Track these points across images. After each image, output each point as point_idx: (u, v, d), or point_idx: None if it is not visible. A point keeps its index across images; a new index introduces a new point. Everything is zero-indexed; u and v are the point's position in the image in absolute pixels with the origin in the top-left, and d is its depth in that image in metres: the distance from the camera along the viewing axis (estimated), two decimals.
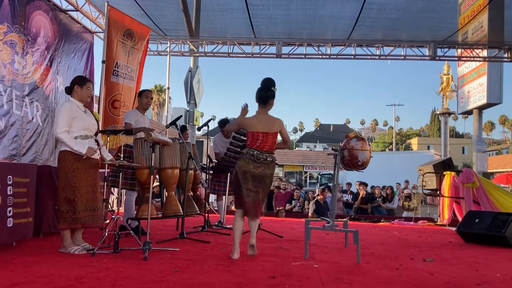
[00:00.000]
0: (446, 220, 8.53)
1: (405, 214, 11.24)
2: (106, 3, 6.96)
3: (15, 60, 6.02)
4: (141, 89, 8.03)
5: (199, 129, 7.18)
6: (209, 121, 6.77)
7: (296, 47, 10.20)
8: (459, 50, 10.57)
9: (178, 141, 5.52)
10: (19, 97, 6.11)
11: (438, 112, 18.51)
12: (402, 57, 10.32)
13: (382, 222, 9.32)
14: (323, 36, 10.06)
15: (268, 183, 4.34)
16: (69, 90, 4.40)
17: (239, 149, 6.19)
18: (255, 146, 4.21)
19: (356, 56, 10.27)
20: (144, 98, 5.66)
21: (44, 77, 6.76)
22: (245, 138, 6.12)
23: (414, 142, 63.19)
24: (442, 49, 10.28)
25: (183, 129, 6.99)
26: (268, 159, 4.20)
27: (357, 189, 11.95)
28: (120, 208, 5.76)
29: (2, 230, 4.03)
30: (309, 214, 10.25)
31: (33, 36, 6.46)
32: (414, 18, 9.12)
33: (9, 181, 4.14)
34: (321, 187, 11.18)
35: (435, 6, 8.64)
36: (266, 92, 4.35)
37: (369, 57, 10.32)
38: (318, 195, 10.69)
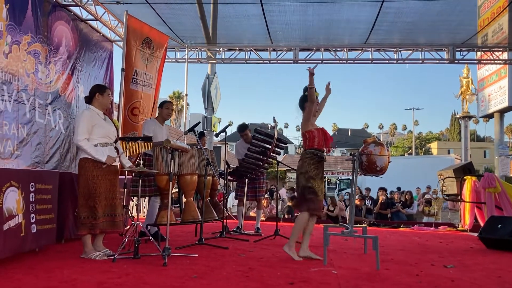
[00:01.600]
0: (468, 226, 8.39)
1: (425, 219, 11.09)
2: (125, 12, 7.09)
3: (39, 69, 6.17)
4: (159, 96, 8.15)
5: (216, 135, 7.24)
6: (226, 127, 6.81)
7: (313, 52, 10.20)
8: (479, 53, 10.41)
9: (196, 147, 5.57)
10: (42, 106, 6.26)
11: (458, 116, 18.23)
12: (421, 61, 10.22)
13: (402, 227, 9.21)
14: (340, 41, 10.04)
15: (297, 176, 4.65)
16: (88, 99, 4.48)
17: (257, 155, 6.23)
18: None
19: (374, 61, 10.22)
20: (165, 110, 5.76)
21: (66, 86, 6.91)
22: (262, 144, 6.17)
23: (434, 146, 62.27)
24: (461, 52, 10.15)
25: (201, 135, 7.05)
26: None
27: (377, 195, 11.84)
28: (139, 214, 5.83)
29: (27, 236, 4.12)
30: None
31: (55, 46, 6.62)
32: (432, 21, 9.02)
33: (32, 188, 4.24)
34: (359, 195, 11.21)
35: (453, 8, 8.53)
36: (301, 98, 4.77)
37: (387, 61, 10.25)
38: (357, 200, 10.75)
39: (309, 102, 4.56)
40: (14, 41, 5.61)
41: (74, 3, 7.12)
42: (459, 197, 8.62)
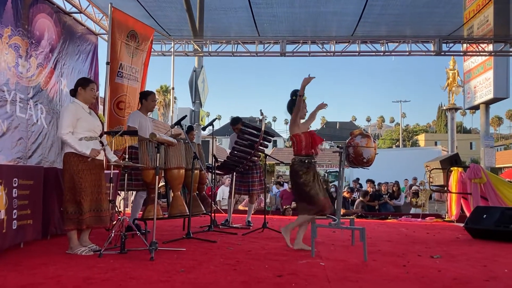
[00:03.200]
0: (454, 216, 8.48)
1: (412, 210, 11.19)
2: (109, 5, 6.97)
3: (19, 63, 6.04)
4: (145, 89, 8.05)
5: (203, 128, 7.19)
6: (213, 120, 6.77)
7: (300, 45, 10.16)
8: (465, 45, 10.48)
9: (183, 141, 5.53)
10: (24, 100, 6.14)
11: (444, 108, 18.38)
12: (407, 53, 10.24)
13: (390, 219, 9.28)
14: (327, 34, 10.01)
15: (292, 184, 4.88)
16: (73, 92, 4.43)
17: (245, 148, 6.20)
18: None
19: (361, 53, 10.21)
20: (151, 102, 5.70)
21: (48, 80, 6.78)
22: (250, 137, 6.14)
23: (421, 138, 62.86)
24: (448, 44, 10.19)
25: (190, 129, 7.00)
26: None
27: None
28: (126, 209, 5.78)
29: (8, 232, 4.06)
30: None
31: (37, 39, 6.48)
32: (418, 13, 9.05)
33: (15, 183, 4.17)
34: (347, 187, 11.30)
35: (439, 0, 8.58)
36: (288, 102, 4.84)
37: (374, 53, 10.25)
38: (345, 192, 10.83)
39: (296, 109, 4.59)
40: None
41: None
42: (445, 188, 8.71)
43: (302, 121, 4.71)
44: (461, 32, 10.07)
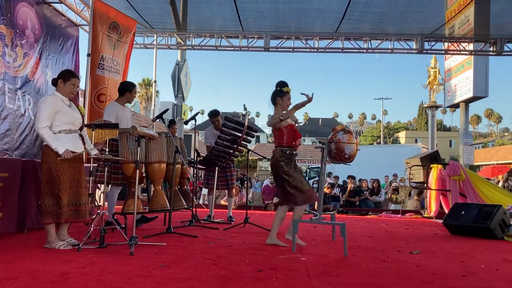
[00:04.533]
0: (433, 213, 8.60)
1: (392, 207, 11.32)
2: None
3: (6, 52, 5.92)
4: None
5: (186, 122, 7.13)
6: (196, 114, 6.71)
7: (284, 40, 10.16)
8: (446, 44, 10.62)
9: (165, 135, 5.46)
10: (12, 90, 6.03)
11: (425, 106, 18.63)
12: (390, 50, 10.34)
13: (370, 215, 9.37)
14: (311, 30, 10.05)
15: (274, 175, 4.80)
16: (54, 82, 4.32)
17: (227, 143, 6.18)
18: None
19: (344, 50, 10.26)
20: (133, 94, 5.56)
21: (34, 70, 6.67)
22: (233, 132, 6.12)
23: (402, 135, 63.63)
24: (429, 43, 10.32)
25: (172, 123, 6.94)
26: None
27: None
28: (106, 203, 5.70)
29: None
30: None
31: (20, 28, 6.34)
32: (401, 11, 9.15)
33: None
34: (328, 183, 11.32)
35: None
36: (272, 93, 4.75)
37: (357, 50, 10.32)
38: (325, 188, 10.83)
39: (286, 116, 4.57)
40: None
41: None
42: (425, 184, 8.82)
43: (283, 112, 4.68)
44: (443, 31, 10.22)
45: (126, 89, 5.52)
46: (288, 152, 4.58)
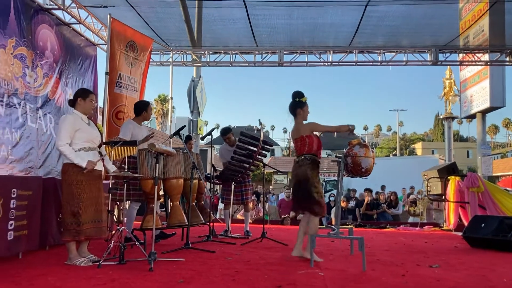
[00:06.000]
0: (452, 225, 8.49)
1: (410, 219, 11.20)
2: (108, 15, 7.02)
3: (26, 73, 6.11)
4: (143, 99, 8.08)
5: (202, 138, 7.22)
6: (212, 130, 6.78)
7: (298, 55, 10.24)
8: (461, 55, 10.57)
9: (182, 151, 5.54)
10: (33, 110, 6.21)
11: (441, 117, 18.42)
12: (404, 63, 10.33)
13: (388, 228, 9.29)
14: (325, 44, 10.09)
15: (295, 182, 4.69)
16: (72, 103, 4.45)
17: (243, 158, 6.22)
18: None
19: (358, 63, 10.29)
20: (150, 112, 5.72)
21: (55, 90, 6.86)
22: (248, 146, 6.17)
23: (418, 147, 62.92)
24: (444, 54, 10.28)
25: (188, 138, 7.02)
26: (296, 159, 4.76)
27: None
28: (125, 219, 5.77)
29: (2, 243, 4.06)
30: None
31: (40, 49, 6.54)
32: (415, 24, 9.14)
33: (13, 194, 4.19)
34: (344, 197, 11.30)
35: (435, 12, 8.66)
36: (291, 104, 4.87)
37: (371, 63, 10.34)
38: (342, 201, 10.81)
39: (337, 129, 4.82)
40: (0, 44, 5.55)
41: (56, 7, 7.03)
42: (443, 197, 8.73)
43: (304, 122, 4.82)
44: (457, 42, 10.17)
45: (142, 109, 5.70)
46: (319, 160, 4.68)
